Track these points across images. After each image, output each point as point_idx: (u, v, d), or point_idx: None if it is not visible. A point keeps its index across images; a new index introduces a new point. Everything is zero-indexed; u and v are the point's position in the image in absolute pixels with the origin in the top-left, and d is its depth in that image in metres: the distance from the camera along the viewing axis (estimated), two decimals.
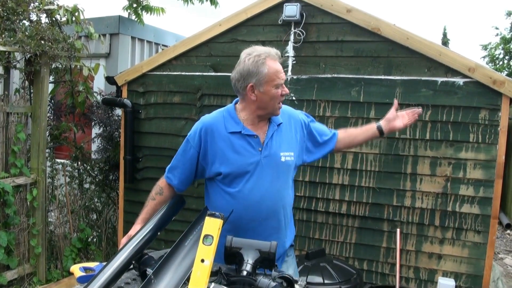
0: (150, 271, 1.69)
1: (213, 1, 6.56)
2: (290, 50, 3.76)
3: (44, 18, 4.31)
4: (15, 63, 4.12)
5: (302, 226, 3.77)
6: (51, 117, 4.92)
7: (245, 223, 2.03)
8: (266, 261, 1.77)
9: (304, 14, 3.66)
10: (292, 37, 3.74)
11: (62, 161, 4.99)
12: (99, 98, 4.89)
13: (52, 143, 4.81)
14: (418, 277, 3.50)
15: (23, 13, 4.01)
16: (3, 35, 3.92)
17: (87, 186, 5.04)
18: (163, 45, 6.31)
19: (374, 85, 3.53)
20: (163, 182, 2.18)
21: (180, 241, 1.89)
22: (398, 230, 3.46)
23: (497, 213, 3.31)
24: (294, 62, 3.76)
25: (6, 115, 3.92)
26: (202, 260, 1.54)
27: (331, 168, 3.66)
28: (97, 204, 5.08)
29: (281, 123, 2.13)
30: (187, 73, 4.11)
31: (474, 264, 3.35)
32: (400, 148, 3.48)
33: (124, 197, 4.43)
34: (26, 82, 4.26)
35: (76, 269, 1.83)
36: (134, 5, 5.91)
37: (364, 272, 3.61)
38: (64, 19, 4.35)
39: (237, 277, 1.69)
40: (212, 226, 1.61)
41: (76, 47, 4.25)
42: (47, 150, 4.47)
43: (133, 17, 5.98)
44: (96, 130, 5.03)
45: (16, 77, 4.67)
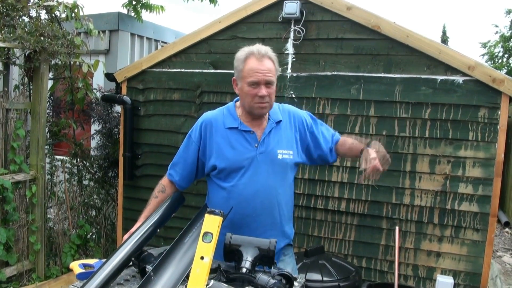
0: (150, 268, 1.69)
1: (212, 0, 6.56)
2: (290, 48, 3.76)
3: (44, 15, 4.31)
4: (15, 60, 4.11)
5: (301, 224, 3.78)
6: (51, 114, 4.91)
7: (239, 219, 2.04)
8: (265, 258, 1.77)
9: (304, 12, 3.65)
10: (292, 35, 3.74)
11: (62, 158, 4.99)
12: (99, 95, 4.89)
13: (52, 140, 4.81)
14: (417, 275, 3.51)
15: (23, 9, 4.00)
16: (3, 31, 3.91)
17: (86, 183, 5.04)
18: (163, 42, 6.30)
19: (374, 83, 3.53)
20: (165, 180, 2.22)
21: (180, 238, 1.89)
22: (397, 228, 3.47)
23: (496, 211, 3.32)
24: (294, 60, 3.76)
25: (6, 112, 3.91)
26: (202, 257, 1.54)
27: (330, 166, 3.66)
28: (96, 201, 5.08)
29: (281, 121, 2.14)
30: (187, 70, 4.11)
31: (473, 262, 3.35)
32: (400, 146, 3.49)
33: (123, 194, 4.43)
34: (26, 79, 4.25)
35: (76, 266, 1.84)
36: (134, 2, 5.89)
37: (363, 270, 3.61)
38: (64, 16, 4.33)
39: (237, 274, 1.70)
40: (212, 224, 1.61)
41: (76, 44, 4.24)
42: (47, 147, 4.47)
43: (133, 14, 5.97)
44: (96, 127, 5.03)
45: (16, 74, 4.66)
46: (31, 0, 4.12)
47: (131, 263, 1.84)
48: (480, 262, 3.33)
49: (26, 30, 3.87)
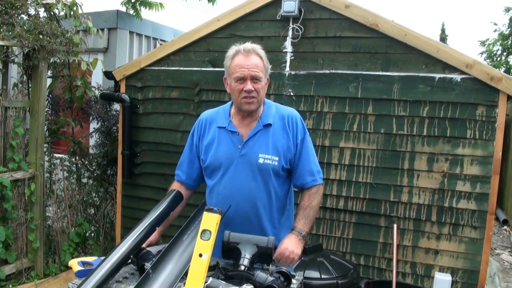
0: (148, 266, 1.70)
1: None
2: (288, 46, 3.76)
3: (43, 12, 4.30)
4: (13, 58, 4.11)
5: None
6: (49, 112, 4.90)
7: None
8: (264, 256, 1.78)
9: (303, 10, 3.65)
10: (290, 33, 3.74)
11: (60, 156, 4.98)
12: (97, 93, 4.88)
13: (50, 138, 4.80)
14: (415, 272, 3.52)
15: (22, 7, 3.99)
16: (1, 30, 3.90)
17: (85, 181, 5.04)
18: (161, 40, 6.29)
19: (372, 81, 3.53)
20: (174, 184, 2.28)
21: (178, 236, 1.90)
22: (395, 226, 3.48)
23: (494, 209, 3.33)
24: (292, 58, 3.76)
25: (4, 110, 3.91)
26: (200, 255, 1.55)
27: (329, 164, 3.66)
28: (95, 199, 5.08)
29: (270, 125, 2.09)
30: (185, 68, 4.11)
31: (471, 260, 3.37)
32: (398, 144, 3.49)
33: (122, 192, 4.43)
34: (24, 77, 4.25)
35: (75, 264, 1.84)
36: (133, 0, 5.88)
37: (361, 267, 3.62)
38: (63, 13, 4.33)
39: (235, 272, 1.70)
40: (210, 221, 1.62)
41: (74, 42, 4.24)
42: (45, 145, 4.47)
43: (131, 12, 5.95)
44: (94, 125, 5.03)
45: (14, 72, 4.65)
46: None
47: (130, 261, 1.85)
48: (478, 260, 3.34)
49: (25, 28, 3.86)
